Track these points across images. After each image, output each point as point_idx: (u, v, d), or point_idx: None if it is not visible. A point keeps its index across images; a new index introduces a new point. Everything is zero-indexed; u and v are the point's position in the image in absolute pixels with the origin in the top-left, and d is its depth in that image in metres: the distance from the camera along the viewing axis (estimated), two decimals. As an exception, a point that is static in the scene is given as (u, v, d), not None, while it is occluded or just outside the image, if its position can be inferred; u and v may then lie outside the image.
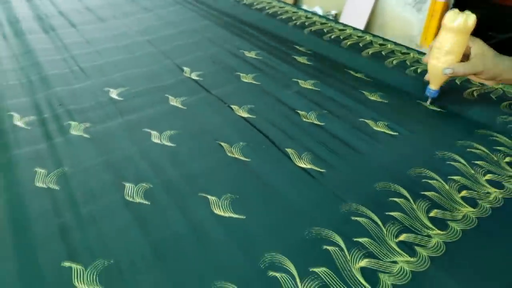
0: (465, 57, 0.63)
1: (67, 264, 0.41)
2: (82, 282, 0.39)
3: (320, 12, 3.36)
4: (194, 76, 0.80)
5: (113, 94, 0.73)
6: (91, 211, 0.47)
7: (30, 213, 0.47)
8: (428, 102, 0.69)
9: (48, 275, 0.40)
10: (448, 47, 0.61)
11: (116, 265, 0.41)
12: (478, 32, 0.61)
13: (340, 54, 0.90)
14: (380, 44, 0.95)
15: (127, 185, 0.51)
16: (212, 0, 1.29)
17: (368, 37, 0.98)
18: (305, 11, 1.18)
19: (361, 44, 0.95)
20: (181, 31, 1.04)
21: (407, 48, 0.91)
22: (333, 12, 3.31)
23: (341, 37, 0.99)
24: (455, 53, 0.61)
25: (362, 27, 3.02)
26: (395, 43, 0.94)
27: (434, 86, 0.66)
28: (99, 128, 0.63)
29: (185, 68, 0.83)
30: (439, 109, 0.68)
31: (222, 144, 0.59)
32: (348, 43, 0.96)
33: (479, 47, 0.61)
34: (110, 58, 0.88)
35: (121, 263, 0.41)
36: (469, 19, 0.59)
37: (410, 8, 3.00)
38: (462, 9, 0.61)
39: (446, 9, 2.81)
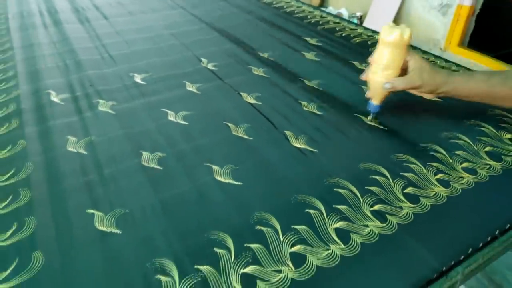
0: (404, 70, 0.63)
1: (90, 211, 0.49)
2: (102, 225, 0.47)
3: (345, 13, 3.39)
4: (210, 66, 0.88)
5: (137, 78, 0.82)
6: (112, 172, 0.56)
7: (62, 171, 0.56)
8: (369, 118, 0.68)
9: (75, 219, 0.48)
10: (385, 62, 0.61)
11: (131, 214, 0.49)
12: (506, 39, 0.63)
13: (348, 49, 0.96)
14: (388, 43, 1.00)
15: (144, 153, 0.59)
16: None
17: (377, 36, 1.03)
18: (321, 10, 1.24)
19: (369, 42, 1.00)
20: (202, 27, 1.13)
21: (413, 47, 0.96)
22: (358, 14, 3.34)
23: (351, 35, 1.05)
24: (393, 67, 0.61)
25: (385, 29, 3.03)
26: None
27: (375, 101, 0.65)
28: (123, 106, 0.72)
29: (203, 59, 0.91)
30: (435, 101, 0.73)
31: (229, 124, 0.67)
32: (357, 40, 1.01)
33: (416, 61, 0.61)
34: (136, 47, 0.97)
35: (134, 213, 0.49)
36: (405, 33, 0.58)
37: (435, 12, 2.99)
38: (489, 14, 0.63)
39: (472, 13, 2.79)
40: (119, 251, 0.44)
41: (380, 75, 0.62)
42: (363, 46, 0.98)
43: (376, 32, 1.06)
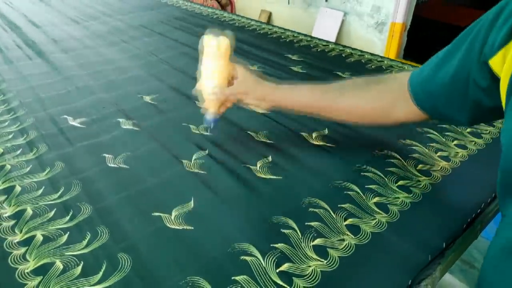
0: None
1: (156, 214, 0.54)
2: (173, 224, 0.52)
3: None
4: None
5: (147, 99, 0.86)
6: (161, 179, 0.60)
7: (111, 184, 0.59)
8: (208, 131, 0.70)
9: (145, 221, 0.52)
10: (208, 72, 0.63)
11: (195, 211, 0.54)
12: (432, 49, 0.73)
13: (328, 62, 1.08)
14: (359, 55, 1.14)
15: (184, 161, 0.64)
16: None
17: (348, 50, 1.17)
18: (291, 31, 1.37)
19: (343, 55, 1.13)
20: (184, 51, 1.19)
21: (381, 57, 1.11)
22: (303, 35, 3.56)
23: (326, 50, 1.17)
24: (217, 76, 0.63)
25: (330, 47, 3.27)
26: (371, 54, 1.13)
27: (212, 109, 0.66)
28: (145, 123, 0.76)
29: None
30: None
31: (250, 133, 0.74)
32: (333, 54, 1.14)
33: (241, 72, 0.64)
34: (133, 73, 1.01)
35: (197, 210, 0.54)
36: (222, 43, 0.61)
37: (372, 29, 3.30)
38: (418, 29, 0.72)
39: (404, 29, 3.13)
40: (198, 243, 0.49)
41: (207, 84, 0.64)
42: (339, 58, 1.11)
43: (347, 47, 1.19)
